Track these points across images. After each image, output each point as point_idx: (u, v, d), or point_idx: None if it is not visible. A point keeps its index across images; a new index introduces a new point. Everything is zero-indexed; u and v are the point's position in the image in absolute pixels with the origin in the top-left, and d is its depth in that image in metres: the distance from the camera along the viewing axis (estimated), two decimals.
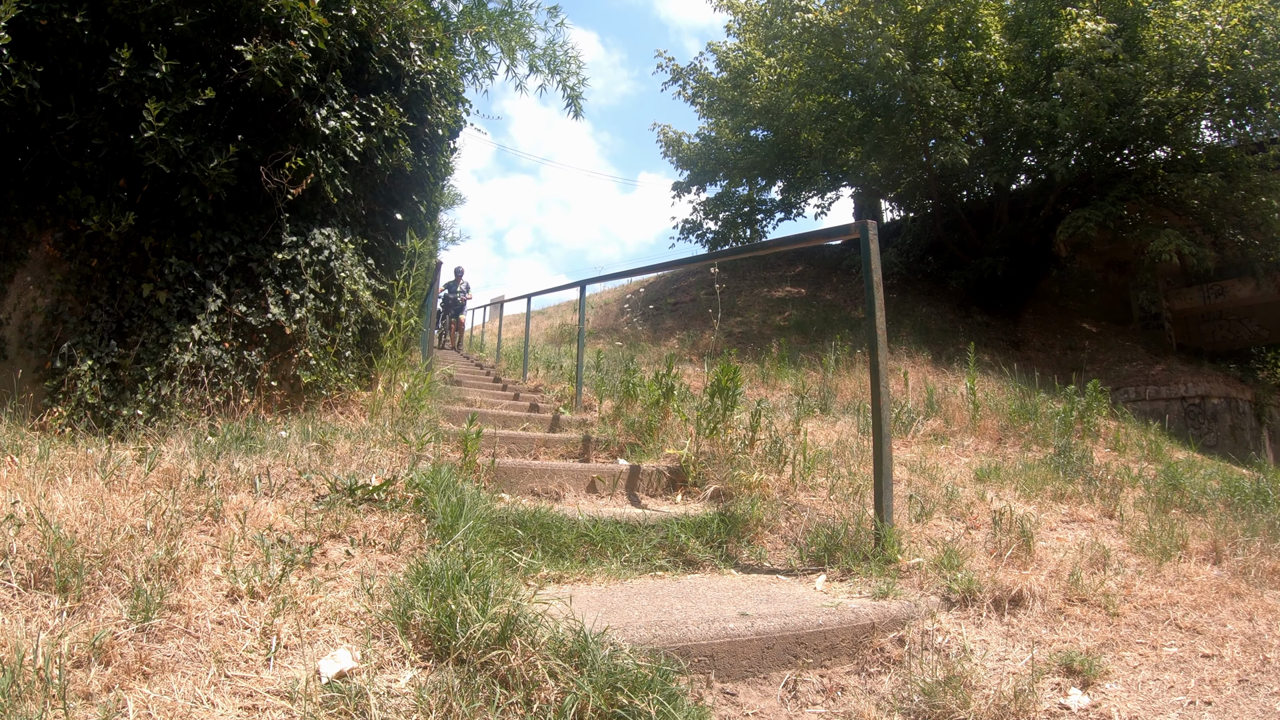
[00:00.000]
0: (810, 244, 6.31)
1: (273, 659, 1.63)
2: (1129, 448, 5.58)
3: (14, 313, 3.62)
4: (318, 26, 3.83)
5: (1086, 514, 3.69)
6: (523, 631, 1.74)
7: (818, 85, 12.80)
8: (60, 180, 3.64)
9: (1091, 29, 10.05)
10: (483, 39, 11.19)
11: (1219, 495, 4.27)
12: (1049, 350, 13.04)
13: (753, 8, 14.95)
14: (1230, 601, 2.71)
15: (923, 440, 5.12)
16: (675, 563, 2.90)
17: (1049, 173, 11.82)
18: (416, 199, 4.80)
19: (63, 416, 3.38)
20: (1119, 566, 2.95)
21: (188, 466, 2.50)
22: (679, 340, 11.85)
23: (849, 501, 3.45)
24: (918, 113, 11.52)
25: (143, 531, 1.97)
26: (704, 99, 16.11)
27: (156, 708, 1.42)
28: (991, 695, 1.95)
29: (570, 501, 3.50)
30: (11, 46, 3.29)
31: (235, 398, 3.73)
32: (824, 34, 11.70)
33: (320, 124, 3.95)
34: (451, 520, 2.40)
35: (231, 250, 3.86)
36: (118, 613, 1.66)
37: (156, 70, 3.46)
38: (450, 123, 4.96)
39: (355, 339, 4.26)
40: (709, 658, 2.05)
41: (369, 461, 2.94)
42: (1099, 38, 9.98)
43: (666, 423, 4.54)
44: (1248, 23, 9.85)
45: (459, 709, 1.54)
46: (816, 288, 14.63)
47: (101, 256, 3.71)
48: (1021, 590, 2.51)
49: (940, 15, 11.12)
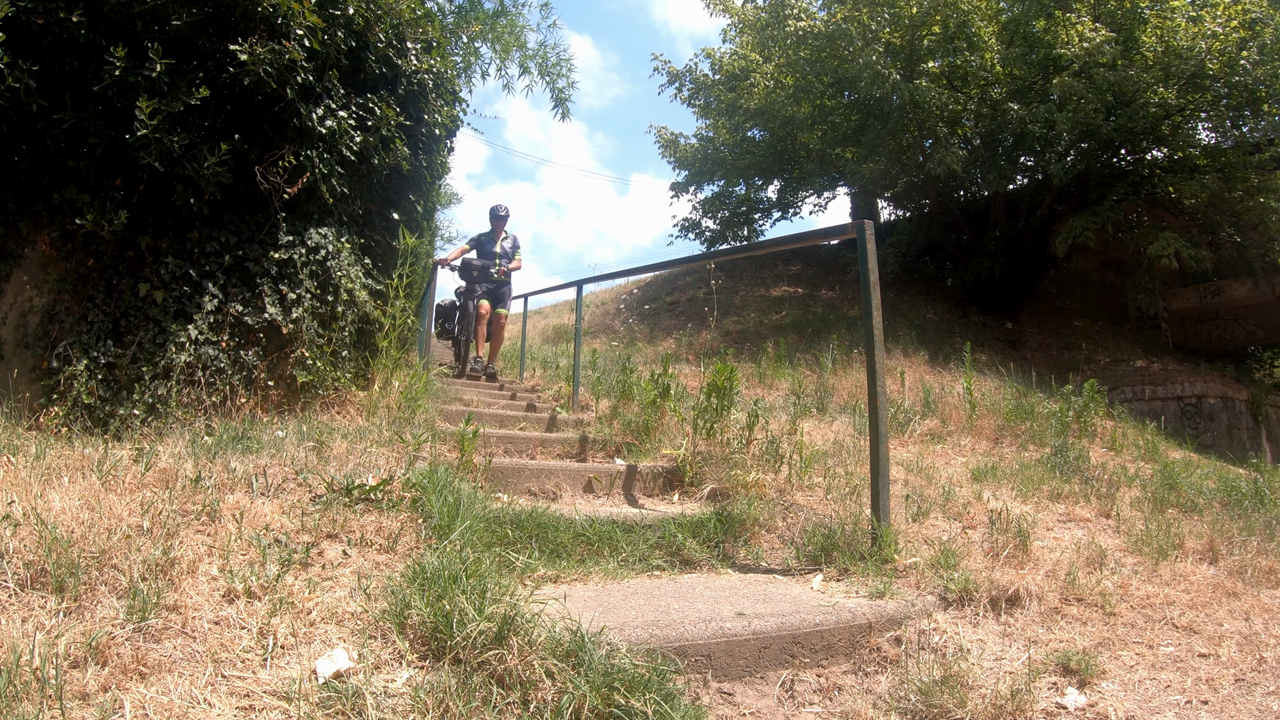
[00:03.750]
0: (807, 244, 6.31)
1: (269, 659, 1.63)
2: (1126, 447, 5.59)
3: (10, 312, 3.60)
4: (313, 26, 3.82)
5: (1083, 513, 3.70)
6: (519, 631, 1.74)
7: (814, 88, 12.80)
8: (56, 179, 3.63)
9: (1090, 36, 10.06)
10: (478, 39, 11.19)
11: (1215, 495, 4.28)
12: (1046, 350, 13.06)
13: (748, 12, 14.95)
14: (1227, 601, 2.72)
15: (919, 440, 5.13)
16: (672, 562, 2.90)
17: (1046, 174, 11.83)
18: (413, 198, 4.80)
19: (59, 416, 3.37)
20: (1115, 566, 2.96)
21: (184, 466, 2.49)
22: (676, 340, 11.84)
23: (846, 501, 3.45)
24: (913, 115, 11.52)
25: (139, 531, 1.97)
26: (700, 100, 16.12)
27: (153, 708, 1.42)
28: (988, 695, 1.95)
29: (567, 501, 3.50)
30: (7, 45, 3.28)
31: (232, 397, 3.72)
32: (819, 39, 11.72)
33: (317, 123, 3.94)
34: (448, 520, 2.40)
35: (228, 250, 3.85)
36: (114, 613, 1.65)
37: (152, 69, 3.46)
38: (447, 122, 4.95)
39: (352, 338, 4.25)
40: (706, 657, 2.05)
41: (366, 461, 2.93)
42: (1098, 45, 10.00)
43: (663, 422, 4.54)
44: (1247, 25, 9.86)
45: (456, 709, 1.54)
46: (813, 287, 14.62)
47: (98, 256, 3.70)
48: (1018, 590, 2.52)
49: (935, 18, 11.13)
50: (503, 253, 7.96)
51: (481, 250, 7.97)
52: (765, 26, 13.49)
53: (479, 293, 7.80)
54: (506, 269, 7.94)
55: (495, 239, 8.02)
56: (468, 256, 7.91)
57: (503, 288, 7.99)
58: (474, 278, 7.79)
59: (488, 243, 8.01)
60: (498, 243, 8.00)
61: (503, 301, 8.00)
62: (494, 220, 8.06)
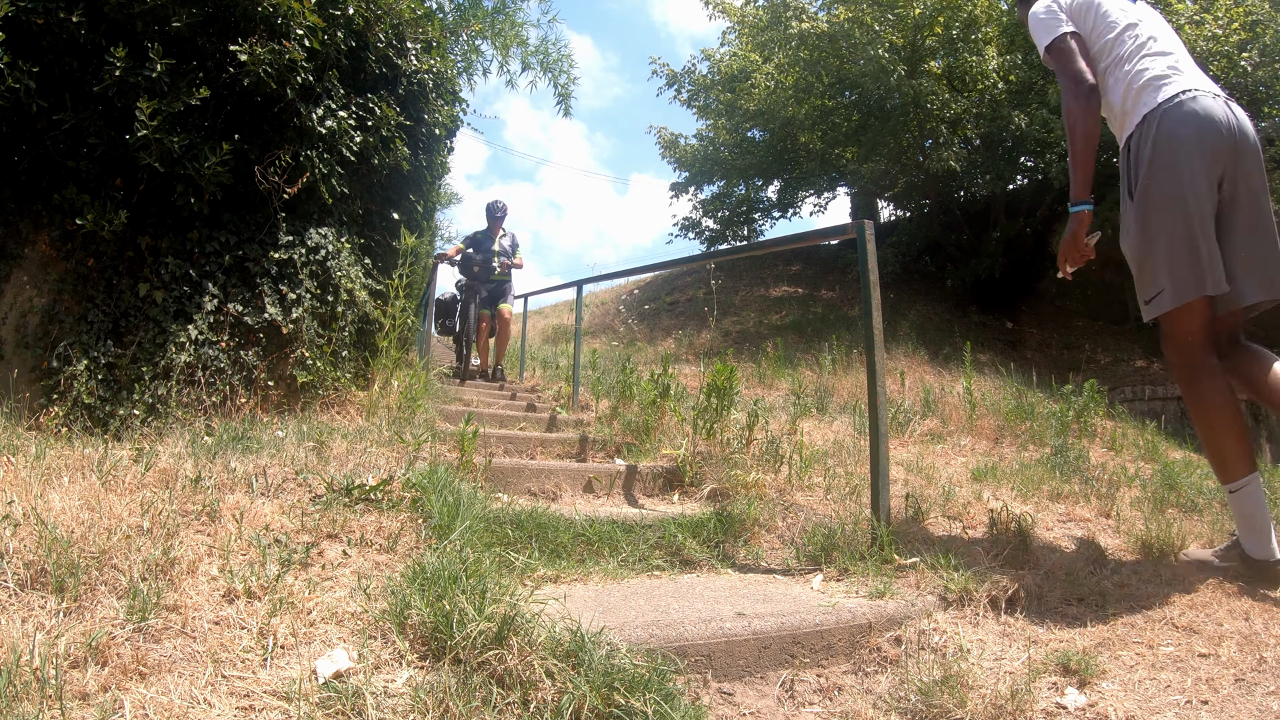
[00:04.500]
0: (807, 243, 6.31)
1: (269, 659, 1.63)
2: (1126, 447, 5.59)
3: (10, 312, 3.60)
4: (313, 26, 3.82)
5: (1083, 513, 3.70)
6: (519, 631, 1.74)
7: (814, 89, 12.80)
8: (56, 180, 3.63)
9: None
10: (478, 37, 11.20)
11: (1215, 495, 4.27)
12: (1046, 350, 13.06)
13: (747, 14, 14.96)
14: (1227, 601, 2.72)
15: (919, 440, 5.12)
16: (672, 562, 2.90)
17: (1046, 175, 11.83)
18: (413, 198, 4.80)
19: (59, 416, 3.37)
20: (1115, 566, 2.96)
21: (184, 466, 2.49)
22: (675, 340, 11.84)
23: (846, 501, 3.45)
24: (914, 115, 11.53)
25: (139, 531, 1.97)
26: (700, 101, 16.13)
27: (153, 708, 1.42)
28: (988, 695, 1.95)
29: (567, 501, 3.50)
30: (7, 45, 3.28)
31: (232, 397, 3.73)
32: (820, 40, 11.72)
33: (317, 123, 3.94)
34: (448, 520, 2.40)
35: (228, 250, 3.85)
36: (114, 613, 1.65)
37: (152, 70, 3.46)
38: (447, 122, 4.96)
39: (352, 338, 4.25)
40: (706, 657, 2.05)
41: (366, 461, 2.93)
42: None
43: (663, 422, 4.54)
44: (1248, 26, 9.85)
45: (456, 709, 1.54)
46: (813, 287, 14.62)
47: (98, 256, 3.70)
48: (1018, 590, 2.52)
49: (938, 19, 11.13)
50: (501, 251, 7.73)
51: (478, 249, 7.71)
52: (765, 28, 13.49)
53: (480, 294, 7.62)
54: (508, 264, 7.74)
55: (493, 237, 7.78)
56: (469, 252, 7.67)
57: (504, 286, 7.80)
58: (475, 274, 7.58)
59: (484, 241, 7.77)
60: (495, 240, 7.75)
61: (505, 298, 7.81)
62: (491, 218, 7.77)
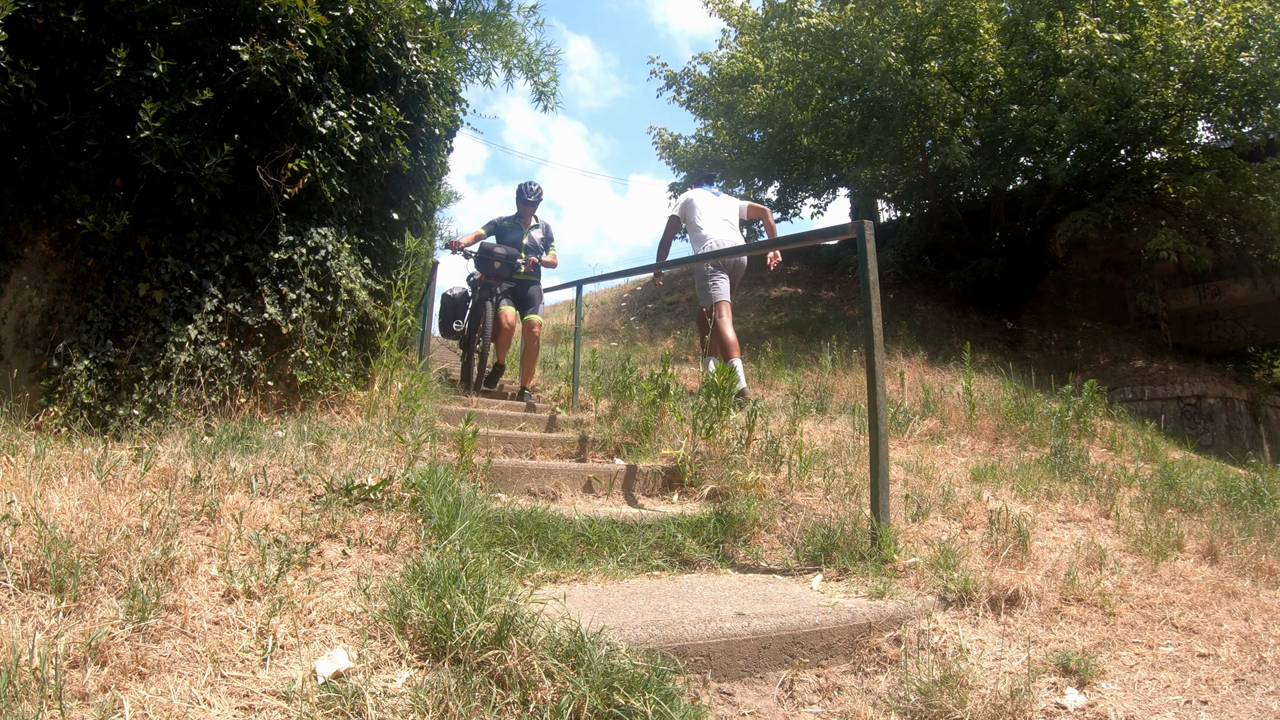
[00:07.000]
0: (807, 244, 6.31)
1: (269, 659, 1.63)
2: (1125, 447, 5.59)
3: (10, 312, 3.60)
4: (315, 25, 3.82)
5: (1083, 514, 3.70)
6: (519, 631, 1.74)
7: (814, 91, 12.80)
8: (56, 180, 3.63)
9: (1101, 37, 10.04)
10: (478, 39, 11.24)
11: (1215, 495, 4.28)
12: (1045, 350, 13.06)
13: (748, 13, 14.96)
14: (1226, 601, 2.72)
15: (919, 440, 5.12)
16: (672, 562, 2.90)
17: (1046, 175, 11.84)
18: (413, 198, 4.80)
19: (59, 416, 3.37)
20: (1115, 566, 2.96)
21: (184, 466, 2.49)
22: (675, 340, 11.84)
23: (845, 501, 3.45)
24: (915, 114, 11.53)
25: (139, 531, 1.97)
26: (699, 103, 16.12)
27: (153, 708, 1.42)
28: (988, 695, 1.95)
29: (567, 501, 3.50)
30: (8, 45, 3.28)
31: (231, 397, 3.72)
32: (822, 38, 11.71)
33: (317, 123, 3.94)
34: (448, 520, 2.40)
35: (228, 250, 3.85)
36: (114, 613, 1.65)
37: (153, 70, 3.46)
38: (447, 122, 4.95)
39: (352, 338, 4.25)
40: (706, 657, 2.05)
41: (365, 461, 2.93)
42: (1106, 44, 9.98)
43: (663, 422, 4.54)
44: (1247, 23, 9.85)
45: (455, 709, 1.54)
46: (813, 288, 14.62)
47: (98, 256, 3.70)
48: (1018, 590, 2.52)
49: (940, 19, 11.14)
50: (531, 245, 6.29)
51: (503, 239, 6.26)
52: (765, 27, 13.50)
53: (500, 292, 6.17)
54: (536, 261, 6.24)
55: (523, 227, 6.32)
56: (486, 243, 6.16)
57: (530, 287, 6.29)
58: (495, 270, 6.06)
59: (511, 230, 6.30)
60: (525, 232, 6.30)
61: (533, 305, 6.28)
62: (521, 202, 6.34)
